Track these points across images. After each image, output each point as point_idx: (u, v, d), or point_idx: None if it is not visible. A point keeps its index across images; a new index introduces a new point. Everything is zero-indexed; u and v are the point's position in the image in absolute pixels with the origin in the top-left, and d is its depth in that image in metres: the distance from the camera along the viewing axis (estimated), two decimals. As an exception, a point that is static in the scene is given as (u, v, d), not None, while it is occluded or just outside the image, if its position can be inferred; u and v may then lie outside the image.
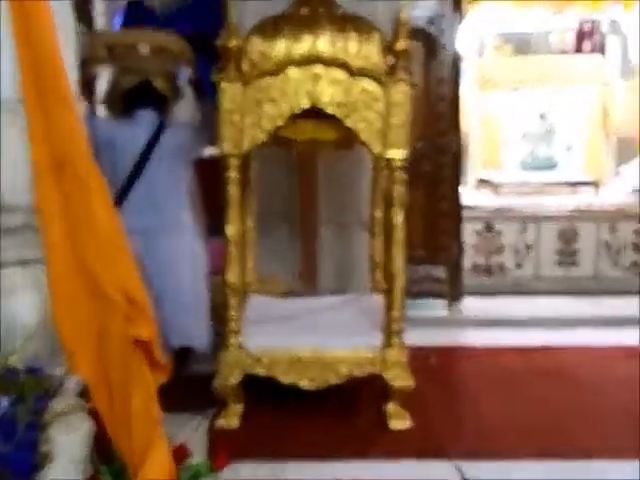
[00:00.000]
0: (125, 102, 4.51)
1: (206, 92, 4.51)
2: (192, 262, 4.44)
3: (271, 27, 3.98)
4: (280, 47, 3.90)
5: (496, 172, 7.96)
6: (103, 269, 2.84)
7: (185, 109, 4.71)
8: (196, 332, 4.43)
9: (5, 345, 2.81)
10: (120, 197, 4.31)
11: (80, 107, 3.10)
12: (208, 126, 4.30)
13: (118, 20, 7.15)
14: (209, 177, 4.38)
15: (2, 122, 2.94)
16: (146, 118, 4.44)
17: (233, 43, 3.82)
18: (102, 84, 4.81)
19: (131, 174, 4.36)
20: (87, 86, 4.51)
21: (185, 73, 4.61)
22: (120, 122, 4.50)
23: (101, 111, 4.74)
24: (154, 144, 4.37)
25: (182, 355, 4.61)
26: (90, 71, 4.58)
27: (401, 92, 3.85)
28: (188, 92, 4.69)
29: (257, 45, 3.93)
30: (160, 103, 4.51)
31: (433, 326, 5.85)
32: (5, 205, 2.97)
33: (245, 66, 3.92)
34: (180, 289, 4.38)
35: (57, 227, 2.84)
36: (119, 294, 2.85)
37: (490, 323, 5.97)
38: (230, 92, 3.87)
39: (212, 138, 4.34)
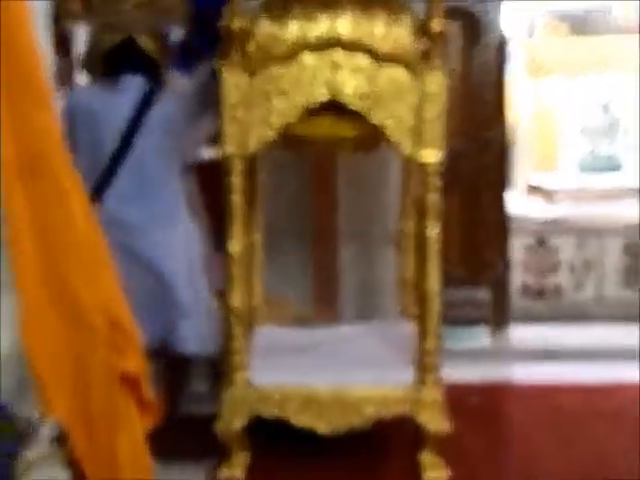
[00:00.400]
0: (106, 64, 4.50)
1: (201, 56, 4.49)
2: (187, 259, 4.48)
3: (282, 5, 3.99)
4: (293, 29, 3.92)
5: (549, 175, 7.95)
6: (83, 288, 2.87)
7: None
8: (196, 335, 4.45)
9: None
10: (103, 181, 4.36)
11: (56, 98, 3.12)
12: (205, 95, 4.33)
13: None
14: (209, 184, 4.41)
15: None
16: (132, 84, 4.44)
17: (237, 24, 3.85)
18: (80, 43, 4.83)
19: (115, 153, 4.38)
20: (61, 45, 4.50)
21: (177, 33, 4.59)
22: (101, 88, 4.51)
23: (79, 75, 4.78)
24: (142, 115, 4.39)
25: (179, 371, 4.61)
26: (64, 28, 4.62)
27: (436, 81, 3.86)
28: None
29: (265, 27, 3.96)
30: (148, 66, 4.50)
31: (474, 359, 5.84)
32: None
33: (251, 52, 3.94)
34: (172, 289, 4.42)
35: (28, 240, 2.86)
36: (102, 319, 2.87)
37: (542, 355, 5.96)
38: (234, 82, 3.89)
39: (209, 109, 4.36)
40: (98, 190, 4.31)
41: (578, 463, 4.31)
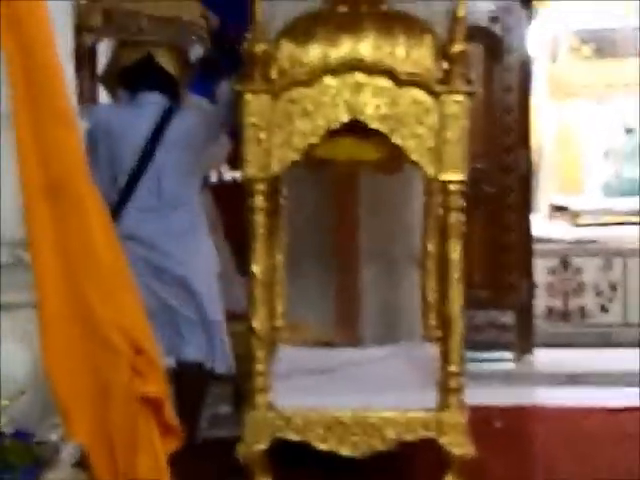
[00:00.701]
0: (125, 80, 4.54)
1: (222, 72, 4.50)
2: (208, 276, 4.52)
3: (304, 28, 4.01)
4: (315, 52, 3.93)
5: (574, 197, 7.93)
6: (105, 311, 2.87)
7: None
8: (212, 350, 4.52)
9: (-12, 404, 2.83)
10: (122, 197, 4.40)
11: (80, 123, 3.14)
12: (225, 113, 4.37)
13: None
14: (231, 205, 4.42)
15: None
16: (150, 100, 4.46)
17: (260, 47, 3.86)
18: (101, 59, 4.85)
19: (134, 169, 4.42)
20: (80, 60, 4.53)
21: (198, 49, 4.61)
22: (120, 105, 4.57)
23: (101, 92, 4.82)
24: (160, 132, 4.41)
25: (198, 393, 4.62)
26: (83, 42, 4.56)
27: (457, 103, 3.85)
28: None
29: (288, 49, 3.97)
30: (166, 82, 4.51)
31: (498, 382, 5.81)
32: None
33: (274, 74, 3.95)
34: (190, 302, 4.48)
35: (51, 262, 2.87)
36: (124, 342, 2.87)
37: (567, 379, 5.93)
38: (256, 105, 3.90)
39: (228, 127, 4.47)
40: (118, 206, 4.35)
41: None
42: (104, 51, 5.10)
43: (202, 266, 4.51)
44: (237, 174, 4.71)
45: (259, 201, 3.95)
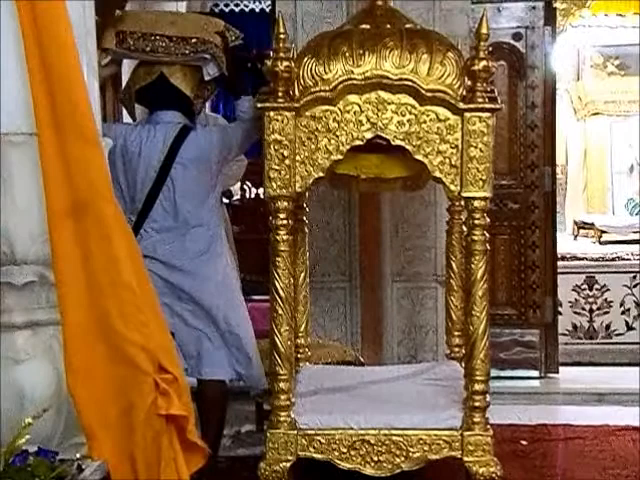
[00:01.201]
0: (141, 101, 4.62)
1: (242, 90, 4.61)
2: (225, 293, 4.55)
3: (327, 46, 4.01)
4: (338, 69, 3.93)
5: (599, 214, 7.89)
6: (129, 330, 2.87)
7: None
8: (241, 367, 4.55)
9: (12, 423, 2.83)
10: (140, 215, 4.46)
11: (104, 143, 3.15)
12: (247, 129, 4.47)
13: None
14: (253, 222, 4.44)
15: (11, 160, 2.99)
16: (166, 118, 4.52)
17: (283, 65, 3.87)
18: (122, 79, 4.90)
19: (151, 188, 4.47)
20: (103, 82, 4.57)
21: (212, 67, 4.60)
22: (137, 123, 4.63)
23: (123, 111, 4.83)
24: (176, 150, 4.45)
25: (218, 412, 4.62)
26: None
27: (481, 120, 3.85)
28: None
29: (310, 67, 3.97)
30: (181, 101, 4.56)
31: (524, 401, 5.79)
32: (13, 258, 3.01)
33: (296, 92, 3.96)
34: (209, 321, 4.51)
35: (75, 281, 2.88)
36: (148, 361, 2.87)
37: (593, 398, 5.89)
38: (279, 122, 3.91)
39: (246, 144, 4.55)
40: (135, 226, 4.38)
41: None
42: (127, 72, 5.15)
43: (221, 285, 4.53)
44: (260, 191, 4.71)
45: (282, 219, 3.95)
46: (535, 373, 6.27)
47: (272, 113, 3.90)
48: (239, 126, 4.57)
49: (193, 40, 4.53)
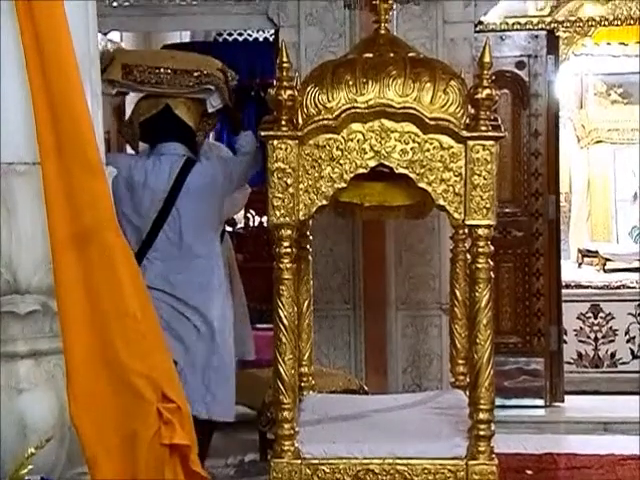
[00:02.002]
0: (145, 132, 4.71)
1: (238, 126, 4.77)
2: (224, 324, 4.67)
3: (330, 74, 4.02)
4: (341, 97, 3.94)
5: (603, 242, 7.89)
6: (132, 360, 2.87)
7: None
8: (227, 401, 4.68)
9: (15, 453, 2.82)
10: (145, 244, 4.56)
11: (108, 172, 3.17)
12: (249, 161, 4.60)
13: None
14: (256, 251, 4.45)
15: (15, 189, 2.99)
16: (170, 150, 4.61)
17: (286, 93, 3.88)
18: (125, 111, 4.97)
19: (156, 218, 4.57)
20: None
21: (216, 99, 4.72)
22: (140, 156, 4.73)
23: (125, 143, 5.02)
24: (181, 184, 4.54)
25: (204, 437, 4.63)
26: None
27: (485, 148, 3.85)
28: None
29: (314, 95, 3.98)
30: (185, 133, 4.67)
31: (529, 430, 5.76)
32: (16, 287, 3.01)
33: (300, 120, 3.97)
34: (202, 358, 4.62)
35: (78, 311, 2.88)
36: (151, 390, 2.86)
37: (598, 427, 5.87)
38: (282, 150, 3.91)
39: (249, 174, 4.66)
40: (138, 256, 4.39)
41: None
42: (130, 103, 5.23)
43: (221, 316, 4.64)
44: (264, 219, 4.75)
45: (285, 247, 3.95)
46: (540, 402, 6.25)
47: (275, 141, 3.91)
48: (239, 159, 4.71)
49: (196, 73, 4.66)
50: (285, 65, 3.85)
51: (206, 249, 4.62)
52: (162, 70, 4.64)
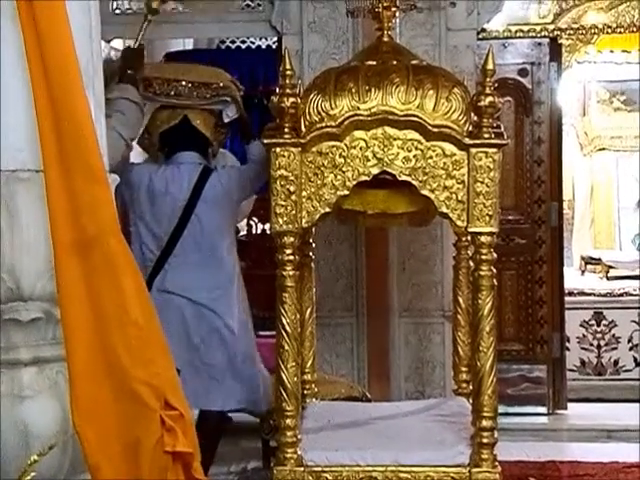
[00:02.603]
0: (164, 142, 4.88)
1: (250, 135, 4.93)
2: (241, 324, 4.84)
3: (333, 82, 4.03)
4: (344, 105, 3.94)
5: (606, 250, 7.88)
6: (135, 367, 2.86)
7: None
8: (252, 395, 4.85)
9: (17, 461, 2.82)
10: (164, 255, 4.71)
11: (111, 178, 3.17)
12: (258, 169, 4.74)
13: None
14: (259, 258, 4.46)
15: (17, 196, 3.00)
16: (187, 159, 4.80)
17: (289, 101, 3.88)
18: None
19: (176, 225, 4.72)
20: None
21: (232, 110, 4.91)
22: (160, 164, 4.87)
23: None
24: (198, 190, 4.72)
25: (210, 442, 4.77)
26: None
27: (487, 155, 3.85)
28: None
29: (317, 103, 3.99)
30: (201, 142, 4.87)
31: (532, 437, 5.76)
32: (19, 294, 3.01)
33: (303, 127, 3.97)
34: (223, 352, 4.78)
35: (81, 318, 2.87)
36: (154, 397, 2.86)
37: (602, 435, 5.85)
38: (285, 158, 3.91)
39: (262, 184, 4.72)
40: (159, 261, 4.69)
41: None
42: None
43: (240, 320, 4.82)
44: (267, 227, 4.77)
45: (288, 254, 3.95)
46: (543, 409, 6.24)
47: (278, 149, 3.91)
48: (250, 167, 4.85)
49: (214, 85, 4.89)
50: (288, 73, 3.85)
51: (225, 254, 4.78)
52: (181, 83, 4.85)
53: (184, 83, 4.87)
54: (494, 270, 3.95)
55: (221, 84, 4.91)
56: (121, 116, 4.41)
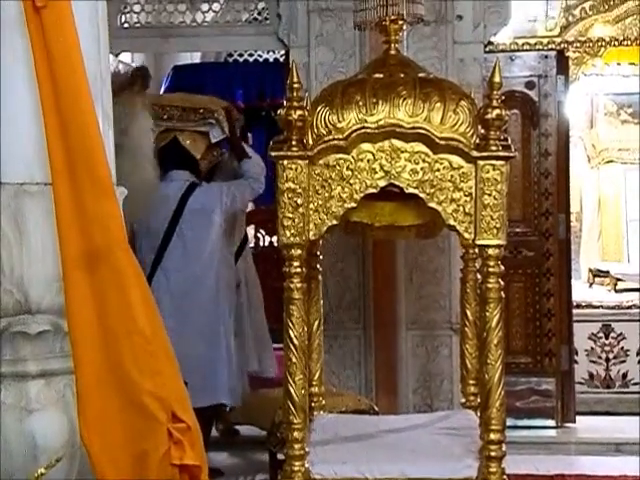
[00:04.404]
0: (159, 160, 5.34)
1: (241, 155, 5.56)
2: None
3: (340, 95, 4.03)
4: (351, 118, 3.95)
5: (614, 262, 7.86)
6: (142, 380, 2.86)
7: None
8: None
9: (25, 473, 2.83)
10: (156, 256, 5.37)
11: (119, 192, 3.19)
12: (253, 185, 5.45)
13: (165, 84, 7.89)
14: (266, 270, 4.47)
15: (26, 209, 3.01)
16: (177, 177, 5.46)
17: (296, 114, 3.89)
18: None
19: (164, 235, 5.37)
20: None
21: (217, 131, 5.56)
22: (161, 181, 5.43)
23: None
24: (183, 204, 5.36)
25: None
26: None
27: (495, 168, 3.85)
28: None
29: (324, 116, 3.99)
30: (191, 162, 5.54)
31: (540, 451, 5.74)
32: (27, 307, 3.02)
33: (310, 140, 3.97)
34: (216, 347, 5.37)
35: (88, 331, 2.88)
36: (161, 410, 2.86)
37: (610, 448, 5.84)
38: (292, 170, 3.92)
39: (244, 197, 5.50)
40: (155, 261, 5.33)
41: None
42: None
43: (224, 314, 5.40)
44: (274, 239, 4.80)
45: (296, 267, 3.95)
46: (551, 422, 6.22)
47: (286, 162, 3.92)
48: (242, 183, 5.49)
49: (200, 110, 5.58)
50: (295, 85, 3.86)
51: (212, 259, 5.38)
52: (173, 108, 5.58)
53: (175, 108, 5.59)
54: (502, 282, 3.94)
55: (207, 108, 5.60)
56: None
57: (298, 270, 3.95)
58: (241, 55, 10.11)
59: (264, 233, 8.28)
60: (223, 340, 5.39)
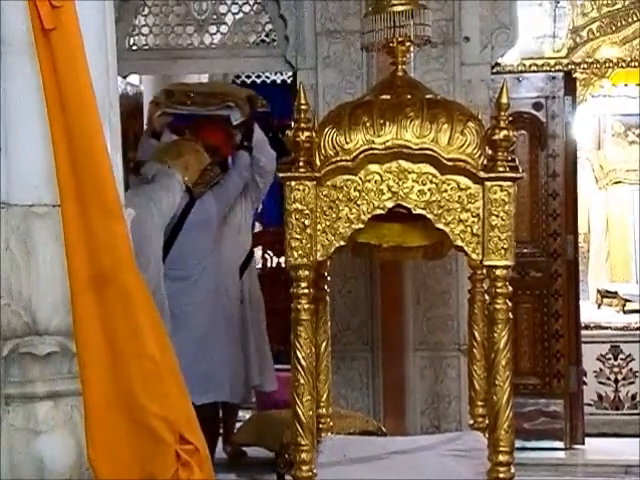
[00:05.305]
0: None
1: (244, 147, 5.89)
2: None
3: (348, 116, 4.04)
4: (359, 139, 3.95)
5: (623, 283, 7.85)
6: (150, 401, 2.86)
7: None
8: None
9: (32, 494, 2.83)
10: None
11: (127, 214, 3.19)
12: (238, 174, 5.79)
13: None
14: (274, 291, 4.47)
15: (34, 231, 3.02)
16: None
17: (304, 135, 3.90)
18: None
19: (163, 245, 5.55)
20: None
21: (237, 114, 5.83)
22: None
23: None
24: (182, 218, 5.63)
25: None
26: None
27: (502, 189, 3.86)
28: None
29: (332, 137, 4.00)
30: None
31: (549, 472, 5.72)
32: (35, 328, 3.02)
33: (317, 161, 3.98)
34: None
35: (96, 353, 2.88)
36: (169, 432, 2.86)
37: (620, 470, 5.81)
38: (300, 191, 3.93)
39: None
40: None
41: None
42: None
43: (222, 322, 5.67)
44: (282, 260, 4.80)
45: (303, 288, 3.95)
46: (560, 444, 6.20)
47: (293, 183, 3.92)
48: (233, 174, 5.83)
49: (220, 94, 5.91)
50: (303, 107, 3.87)
51: (202, 271, 5.70)
52: (195, 94, 5.87)
53: (198, 94, 5.87)
54: (510, 303, 3.94)
55: (227, 92, 5.97)
56: None
57: (306, 291, 3.95)
58: (249, 77, 10.13)
59: (272, 254, 8.29)
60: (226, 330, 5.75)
